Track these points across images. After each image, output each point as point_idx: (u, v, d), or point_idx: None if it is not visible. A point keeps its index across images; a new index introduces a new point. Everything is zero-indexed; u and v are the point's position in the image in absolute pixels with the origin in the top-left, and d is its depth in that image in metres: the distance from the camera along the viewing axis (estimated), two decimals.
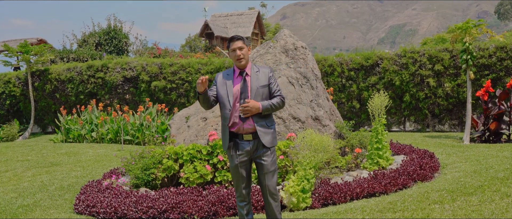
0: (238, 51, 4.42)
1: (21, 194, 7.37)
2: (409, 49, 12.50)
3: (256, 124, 4.34)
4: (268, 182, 4.47)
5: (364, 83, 12.84)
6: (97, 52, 23.15)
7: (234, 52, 4.44)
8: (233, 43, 4.46)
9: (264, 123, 4.40)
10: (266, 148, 4.40)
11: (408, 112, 12.70)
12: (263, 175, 4.44)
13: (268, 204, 4.54)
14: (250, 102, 4.29)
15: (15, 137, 15.78)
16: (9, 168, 9.89)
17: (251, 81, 4.43)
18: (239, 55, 4.42)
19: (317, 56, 13.58)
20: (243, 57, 4.43)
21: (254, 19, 38.28)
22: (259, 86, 4.43)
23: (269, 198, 4.53)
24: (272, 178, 4.48)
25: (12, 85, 16.95)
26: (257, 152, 4.40)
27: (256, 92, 4.39)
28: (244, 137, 4.36)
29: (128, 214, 5.65)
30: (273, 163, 4.45)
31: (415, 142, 9.93)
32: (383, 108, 6.94)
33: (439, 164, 7.22)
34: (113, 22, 27.07)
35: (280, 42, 7.67)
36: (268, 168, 4.42)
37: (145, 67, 15.22)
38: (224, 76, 4.51)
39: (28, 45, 15.93)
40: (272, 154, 4.46)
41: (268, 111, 4.39)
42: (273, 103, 4.41)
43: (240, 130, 4.36)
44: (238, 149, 4.37)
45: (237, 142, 4.38)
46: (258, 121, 4.36)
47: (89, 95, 15.88)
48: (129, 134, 13.16)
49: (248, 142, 4.36)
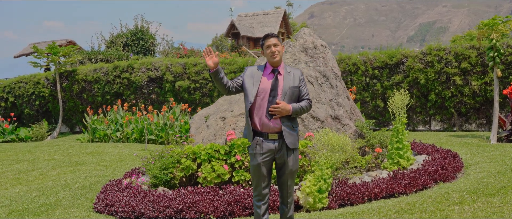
0: (273, 47, 4.43)
1: (44, 192, 7.51)
2: (435, 46, 12.26)
3: (282, 125, 4.35)
4: (289, 181, 4.52)
5: (388, 82, 12.66)
6: (124, 53, 23.46)
7: (268, 49, 4.46)
8: (267, 40, 4.49)
9: (290, 124, 4.41)
10: (290, 149, 4.42)
11: (434, 110, 12.45)
12: (285, 176, 4.47)
13: (284, 204, 4.55)
14: (281, 104, 4.30)
15: (44, 136, 16.13)
16: (36, 167, 10.10)
17: (283, 80, 4.43)
18: (274, 52, 4.43)
19: (340, 55, 13.46)
20: (277, 54, 4.44)
21: (280, 18, 38.22)
22: (290, 87, 4.43)
23: (287, 198, 4.54)
24: (293, 177, 4.53)
25: (41, 86, 17.33)
26: (280, 152, 4.40)
27: (287, 92, 4.40)
28: (269, 136, 4.36)
29: (146, 213, 5.69)
30: (295, 163, 4.48)
31: (439, 142, 9.73)
32: (404, 107, 6.81)
33: (462, 164, 7.05)
34: (140, 23, 27.41)
35: (300, 41, 7.62)
36: (291, 168, 4.46)
37: (169, 67, 15.35)
38: (254, 70, 4.50)
39: (56, 46, 16.24)
40: (295, 155, 4.48)
41: (297, 113, 4.42)
42: (302, 107, 4.44)
43: (265, 129, 4.36)
44: (262, 148, 4.36)
45: (262, 141, 4.37)
46: (284, 121, 4.37)
47: (115, 95, 16.10)
48: (153, 133, 13.28)
49: (273, 141, 4.36)
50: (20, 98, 17.69)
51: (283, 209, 4.56)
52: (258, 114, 4.38)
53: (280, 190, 4.55)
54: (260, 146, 4.37)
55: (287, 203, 4.54)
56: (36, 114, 17.74)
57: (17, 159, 11.50)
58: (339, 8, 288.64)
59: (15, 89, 17.79)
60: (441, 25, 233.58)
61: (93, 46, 25.90)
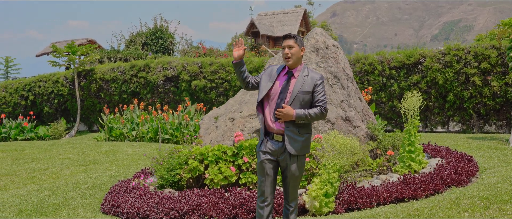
0: (287, 49, 4.35)
1: (54, 192, 7.54)
2: (454, 46, 11.98)
3: (286, 129, 4.25)
4: (292, 186, 4.41)
5: (405, 82, 12.42)
6: (143, 52, 23.57)
7: (283, 50, 4.38)
8: (284, 41, 4.41)
9: (295, 130, 4.27)
10: (293, 155, 4.29)
11: (452, 112, 12.17)
12: (286, 179, 4.38)
13: (287, 207, 4.48)
14: (285, 108, 4.20)
15: (62, 135, 16.30)
16: (50, 166, 10.18)
17: (294, 84, 4.31)
18: (287, 53, 4.34)
19: (357, 55, 13.27)
20: (290, 57, 4.34)
21: (300, 17, 38.00)
22: (301, 92, 4.28)
23: (290, 202, 4.46)
24: (296, 184, 4.42)
25: (60, 84, 17.51)
26: (282, 156, 4.31)
27: (296, 97, 4.26)
28: (274, 137, 4.32)
29: (150, 215, 5.65)
30: (297, 170, 4.35)
31: (456, 144, 9.49)
32: (417, 109, 6.64)
33: (477, 168, 6.84)
34: (159, 22, 27.51)
35: (311, 41, 7.49)
36: (292, 174, 4.35)
37: (185, 66, 15.34)
38: (272, 70, 4.47)
39: (75, 46, 16.40)
40: (300, 162, 4.35)
41: (303, 120, 4.24)
42: (310, 113, 4.24)
43: (270, 129, 4.32)
44: (266, 147, 4.33)
45: (267, 140, 4.34)
46: (289, 126, 4.26)
47: (132, 94, 16.17)
48: (168, 133, 13.28)
49: (277, 143, 4.31)
50: (40, 97, 17.92)
51: (286, 213, 4.48)
52: (266, 114, 4.37)
53: (284, 192, 4.48)
54: (264, 145, 4.35)
55: (290, 206, 4.46)
56: (55, 112, 17.94)
57: (33, 157, 11.62)
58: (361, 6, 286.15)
59: (35, 88, 18.02)
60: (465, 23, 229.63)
61: (113, 45, 26.11)
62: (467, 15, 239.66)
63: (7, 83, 19.07)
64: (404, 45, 17.03)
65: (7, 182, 8.88)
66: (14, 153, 12.58)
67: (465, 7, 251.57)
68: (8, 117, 18.30)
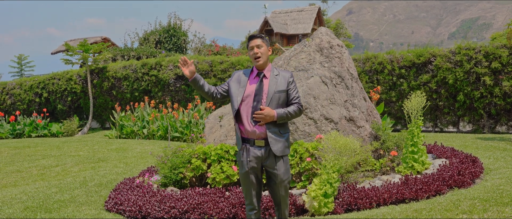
0: (256, 49, 4.26)
1: (61, 189, 7.66)
2: (464, 45, 11.86)
3: (268, 131, 4.16)
4: (282, 192, 4.32)
5: (415, 82, 12.33)
6: (156, 50, 23.73)
7: (252, 50, 4.28)
8: (251, 41, 4.31)
9: (276, 130, 4.21)
10: (278, 156, 4.22)
11: (462, 111, 12.06)
12: (276, 186, 4.28)
13: (279, 211, 4.46)
14: (265, 110, 4.12)
15: (75, 132, 16.50)
16: (60, 163, 10.33)
17: (268, 84, 4.24)
18: (257, 53, 4.25)
19: (366, 54, 13.22)
20: (260, 56, 4.26)
21: (314, 15, 37.85)
22: (276, 91, 4.23)
23: (282, 206, 4.42)
24: (286, 187, 4.33)
25: (73, 82, 17.73)
26: (268, 160, 4.22)
27: (273, 97, 4.20)
28: (255, 142, 4.19)
29: (152, 213, 5.72)
30: (286, 172, 4.28)
31: (464, 144, 9.41)
32: (420, 109, 6.61)
33: (482, 169, 6.78)
34: (173, 20, 27.66)
35: (315, 41, 7.49)
36: (282, 178, 4.26)
37: (196, 65, 15.41)
38: (240, 75, 4.35)
39: (87, 44, 16.57)
40: (285, 163, 4.28)
41: (284, 119, 4.20)
42: (289, 112, 4.22)
43: (251, 135, 4.19)
44: (248, 155, 4.19)
45: (248, 147, 4.20)
46: (270, 127, 4.17)
47: (143, 92, 16.31)
48: (178, 131, 13.37)
49: (259, 148, 4.19)
50: (53, 94, 18.16)
51: (278, 216, 4.49)
52: (244, 119, 4.22)
53: (274, 199, 4.39)
54: (247, 153, 4.21)
55: (281, 211, 4.43)
56: (69, 110, 18.17)
57: (44, 154, 11.79)
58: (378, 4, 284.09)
59: (48, 85, 18.27)
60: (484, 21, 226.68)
61: (126, 43, 26.31)
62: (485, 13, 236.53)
63: (22, 81, 19.36)
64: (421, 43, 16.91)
65: (17, 179, 9.04)
66: (27, 149, 12.77)
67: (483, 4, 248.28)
68: (23, 114, 18.58)
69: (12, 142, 14.92)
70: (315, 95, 6.84)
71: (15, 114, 18.24)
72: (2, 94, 19.41)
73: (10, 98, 19.19)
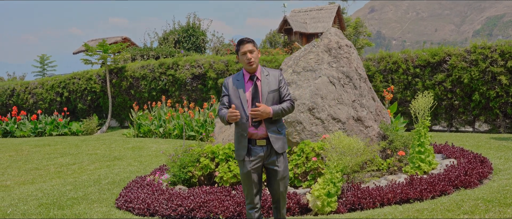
0: (249, 54, 4.33)
1: (76, 186, 7.87)
2: (480, 44, 11.74)
3: (267, 130, 4.32)
4: (282, 188, 4.48)
5: (430, 81, 12.25)
6: (175, 50, 23.96)
7: (244, 56, 4.35)
8: (243, 46, 4.38)
9: (275, 128, 4.37)
10: (279, 153, 4.38)
11: (478, 111, 11.94)
12: (276, 182, 4.43)
13: (278, 209, 4.56)
14: (260, 107, 4.24)
15: (94, 130, 16.82)
16: (77, 161, 10.57)
17: (261, 86, 4.37)
18: (250, 58, 4.33)
19: (381, 53, 13.18)
20: (253, 61, 4.34)
21: (333, 14, 37.67)
22: (270, 91, 4.38)
23: (281, 203, 4.55)
24: (285, 183, 4.49)
25: (93, 82, 18.06)
26: (270, 158, 4.37)
27: (267, 97, 4.35)
28: (257, 142, 4.33)
29: (160, 210, 5.85)
30: (285, 169, 4.45)
31: (477, 144, 9.34)
32: (427, 110, 6.61)
33: (491, 169, 6.75)
34: (192, 19, 27.88)
35: (324, 41, 7.54)
36: (282, 174, 4.42)
37: (212, 64, 15.57)
38: (234, 82, 4.41)
39: (106, 44, 16.87)
40: (285, 159, 4.44)
41: (279, 115, 4.34)
42: (283, 108, 4.36)
43: (253, 136, 4.33)
44: (251, 155, 4.33)
45: (250, 147, 4.34)
46: (269, 126, 4.33)
47: (160, 91, 16.53)
48: (194, 130, 13.54)
49: (261, 147, 4.34)
50: (74, 94, 18.53)
51: (276, 213, 4.59)
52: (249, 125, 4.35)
53: (273, 196, 4.54)
54: (249, 154, 4.34)
55: (279, 208, 4.54)
56: (88, 109, 18.52)
57: (63, 152, 12.08)
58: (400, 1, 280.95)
59: (69, 85, 18.65)
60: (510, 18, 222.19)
61: (146, 43, 26.62)
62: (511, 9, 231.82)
63: (44, 80, 19.80)
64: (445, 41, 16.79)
65: (35, 176, 9.30)
66: (47, 147, 13.09)
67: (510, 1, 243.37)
68: (44, 113, 19.00)
69: (34, 140, 15.30)
70: (323, 95, 6.89)
71: (37, 113, 18.67)
72: (25, 93, 19.88)
73: (32, 98, 19.65)
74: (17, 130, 17.58)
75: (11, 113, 19.10)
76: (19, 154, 12.36)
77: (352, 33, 40.23)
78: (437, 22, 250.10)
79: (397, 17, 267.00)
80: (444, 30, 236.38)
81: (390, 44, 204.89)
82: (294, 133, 6.70)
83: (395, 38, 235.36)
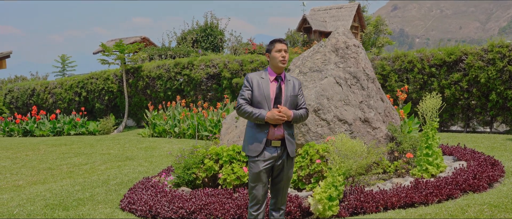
0: (284, 52, 4.41)
1: (84, 187, 7.91)
2: (497, 43, 11.46)
3: (285, 132, 4.37)
4: (285, 189, 4.56)
5: (446, 80, 12.01)
6: (193, 49, 24.01)
7: (279, 53, 4.41)
8: (280, 44, 4.45)
9: (291, 132, 4.45)
10: (290, 157, 4.46)
11: (495, 111, 11.65)
12: (282, 183, 4.50)
13: (276, 210, 4.57)
14: (283, 109, 4.32)
15: (110, 130, 16.97)
16: (89, 161, 10.66)
17: (285, 88, 4.44)
18: (285, 56, 4.42)
19: (396, 52, 12.97)
20: (286, 60, 4.45)
21: (353, 12, 37.30)
22: (292, 95, 4.45)
23: (281, 205, 4.56)
24: (288, 185, 4.60)
25: (110, 82, 18.23)
26: (280, 160, 4.41)
27: (289, 100, 4.42)
28: (272, 143, 4.36)
29: (161, 213, 5.84)
30: (291, 170, 4.54)
31: (492, 145, 9.10)
32: (435, 111, 6.45)
33: (503, 172, 6.55)
34: (210, 19, 27.91)
35: (331, 41, 7.43)
36: (289, 176, 4.52)
37: (226, 64, 15.55)
38: (259, 80, 4.44)
39: (123, 44, 16.99)
40: (293, 163, 4.54)
41: (296, 121, 4.45)
42: (301, 114, 4.48)
43: (270, 136, 4.35)
44: (265, 155, 4.35)
45: (265, 147, 4.36)
46: (286, 129, 4.40)
47: (176, 91, 16.58)
48: (207, 130, 13.53)
49: (276, 149, 4.37)
50: (92, 93, 18.73)
51: (273, 215, 4.55)
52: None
53: (274, 197, 4.54)
54: (263, 153, 4.36)
55: (280, 209, 4.54)
56: (106, 108, 18.69)
57: (78, 152, 12.19)
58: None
59: (87, 84, 18.86)
60: None
61: (164, 42, 26.74)
62: None
63: (63, 80, 20.08)
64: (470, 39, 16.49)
65: (47, 176, 9.40)
66: (63, 147, 13.24)
67: None
68: (63, 112, 19.26)
69: (51, 139, 15.51)
70: (329, 96, 6.79)
71: (55, 113, 18.93)
72: (45, 93, 20.19)
73: (52, 97, 19.94)
74: (37, 129, 17.86)
75: (31, 112, 19.41)
76: (36, 153, 12.53)
77: (372, 31, 39.77)
78: (462, 20, 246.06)
79: (420, 14, 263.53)
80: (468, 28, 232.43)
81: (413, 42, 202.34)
82: (299, 134, 6.62)
83: (419, 36, 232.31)
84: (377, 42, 40.36)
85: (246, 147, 4.45)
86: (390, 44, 40.96)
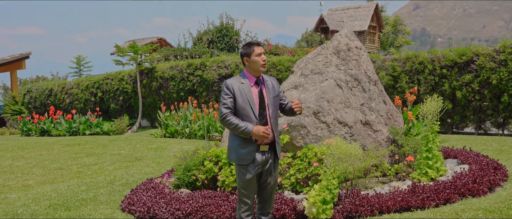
0: (264, 55, 4.36)
1: (89, 187, 8.03)
2: (509, 44, 11.26)
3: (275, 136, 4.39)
4: (272, 193, 4.56)
5: (457, 82, 11.85)
6: (208, 50, 24.11)
7: (260, 57, 4.33)
8: (258, 48, 4.36)
9: (278, 134, 4.45)
10: (277, 159, 4.47)
11: (507, 113, 11.45)
12: (270, 187, 4.49)
13: (264, 214, 4.56)
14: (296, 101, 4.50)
15: (124, 130, 17.17)
16: (99, 161, 10.81)
17: (266, 91, 4.40)
18: (265, 60, 4.38)
19: (407, 53, 12.84)
20: (266, 64, 4.41)
21: (371, 12, 37.04)
22: (274, 96, 4.41)
23: (269, 209, 4.56)
24: (275, 189, 4.62)
25: (124, 82, 18.44)
26: (268, 164, 4.38)
27: (272, 102, 4.37)
28: (261, 148, 4.32)
29: (158, 214, 5.90)
30: (277, 173, 4.54)
31: (500, 149, 8.96)
32: (436, 114, 6.38)
33: (506, 176, 6.44)
34: (225, 19, 28.00)
35: (333, 43, 7.41)
36: (276, 179, 4.51)
37: (238, 65, 15.60)
38: (239, 86, 4.33)
39: (136, 45, 17.17)
40: (278, 165, 4.55)
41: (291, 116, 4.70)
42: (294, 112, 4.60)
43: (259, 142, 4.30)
44: (256, 161, 4.30)
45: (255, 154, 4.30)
46: (275, 131, 4.39)
47: (188, 92, 16.68)
48: (217, 130, 13.60)
49: (263, 153, 4.33)
50: (107, 94, 18.97)
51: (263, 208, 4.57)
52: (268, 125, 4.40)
53: (262, 202, 4.54)
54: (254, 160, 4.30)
55: (268, 213, 4.54)
56: (121, 109, 18.91)
57: (90, 152, 12.37)
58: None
59: (102, 85, 19.11)
60: None
61: (180, 43, 26.92)
62: None
63: (79, 81, 20.39)
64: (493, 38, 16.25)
65: (56, 176, 9.56)
66: (76, 147, 13.45)
67: None
68: (79, 113, 19.56)
69: (66, 139, 15.76)
70: (329, 98, 6.77)
71: (72, 113, 19.23)
72: (62, 93, 20.52)
73: (68, 98, 20.26)
74: (53, 129, 18.17)
75: (48, 112, 19.75)
76: (49, 153, 12.75)
77: (390, 31, 39.37)
78: (485, 19, 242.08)
79: (442, 14, 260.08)
80: (492, 27, 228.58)
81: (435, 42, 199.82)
82: (298, 137, 6.61)
83: (441, 36, 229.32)
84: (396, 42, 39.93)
85: (233, 156, 4.34)
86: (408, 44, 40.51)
